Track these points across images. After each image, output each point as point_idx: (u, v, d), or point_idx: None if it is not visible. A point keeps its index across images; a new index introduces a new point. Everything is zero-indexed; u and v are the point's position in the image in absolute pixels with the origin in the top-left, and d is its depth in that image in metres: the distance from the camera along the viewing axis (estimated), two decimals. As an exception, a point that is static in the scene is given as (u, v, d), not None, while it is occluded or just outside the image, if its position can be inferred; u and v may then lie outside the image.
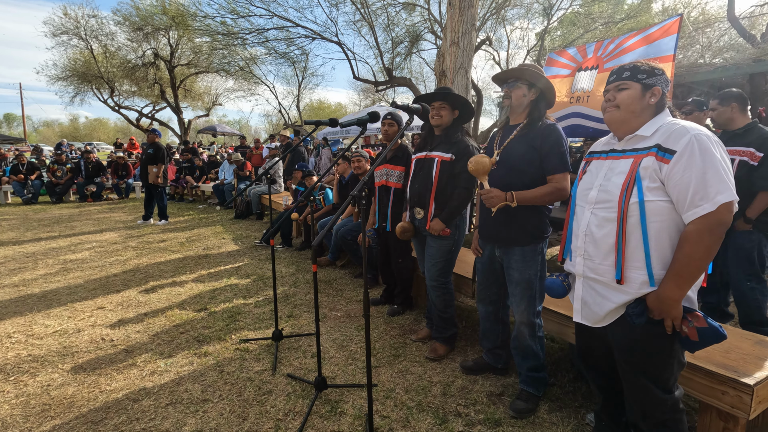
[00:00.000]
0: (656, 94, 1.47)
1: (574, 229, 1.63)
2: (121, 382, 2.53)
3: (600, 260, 1.50)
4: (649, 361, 1.47)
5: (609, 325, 1.53)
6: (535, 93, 2.12)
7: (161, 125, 22.22)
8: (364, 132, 2.36)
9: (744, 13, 10.86)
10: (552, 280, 1.70)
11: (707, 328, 1.34)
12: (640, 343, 1.47)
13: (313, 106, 35.19)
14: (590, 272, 1.54)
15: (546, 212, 2.17)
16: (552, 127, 2.06)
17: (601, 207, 1.50)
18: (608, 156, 1.57)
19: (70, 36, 17.89)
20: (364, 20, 14.15)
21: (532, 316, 2.16)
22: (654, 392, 1.47)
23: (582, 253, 1.56)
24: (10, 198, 10.64)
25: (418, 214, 2.78)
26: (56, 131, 56.20)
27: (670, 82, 1.52)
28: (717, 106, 2.95)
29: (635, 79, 1.48)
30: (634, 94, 1.48)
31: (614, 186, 1.46)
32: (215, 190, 9.43)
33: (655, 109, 1.49)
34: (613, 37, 4.43)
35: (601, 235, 1.49)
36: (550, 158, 2.03)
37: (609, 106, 1.54)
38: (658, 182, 1.38)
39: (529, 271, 2.12)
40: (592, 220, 1.52)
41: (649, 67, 1.49)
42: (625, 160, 1.48)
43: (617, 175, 1.47)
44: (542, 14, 15.55)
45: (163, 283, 4.32)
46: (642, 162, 1.41)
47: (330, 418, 2.17)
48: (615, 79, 1.54)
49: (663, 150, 1.38)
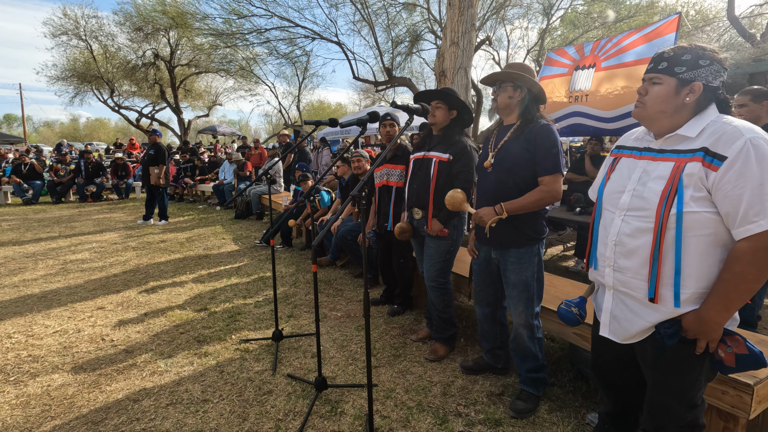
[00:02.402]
0: (695, 91, 1.26)
1: (600, 236, 1.46)
2: (121, 383, 2.53)
3: (632, 274, 1.34)
4: (678, 380, 1.35)
5: (638, 342, 1.40)
6: (521, 93, 2.08)
7: (161, 125, 22.21)
8: (364, 132, 2.36)
9: (744, 13, 10.86)
10: (565, 311, 1.60)
11: (747, 356, 1.21)
12: (670, 363, 1.34)
13: (313, 106, 35.19)
14: (621, 286, 1.38)
15: (542, 213, 2.15)
16: (546, 128, 2.03)
17: (634, 215, 1.32)
18: (643, 155, 1.38)
19: (70, 36, 17.88)
20: (364, 20, 14.15)
21: (530, 318, 2.15)
22: (676, 408, 1.38)
23: (611, 263, 1.40)
24: (10, 198, 10.64)
25: (416, 215, 2.77)
26: (56, 131, 56.23)
27: (723, 71, 1.26)
28: (749, 103, 2.74)
29: (671, 73, 1.28)
30: (665, 92, 1.29)
31: (651, 193, 1.28)
32: (215, 190, 9.43)
33: (696, 106, 1.28)
34: (611, 36, 4.44)
35: (634, 246, 1.32)
36: (541, 159, 2.00)
37: (638, 102, 1.36)
38: (704, 191, 1.20)
39: (525, 273, 2.10)
40: (623, 228, 1.35)
41: (692, 57, 1.25)
42: (665, 163, 1.29)
43: (655, 181, 1.28)
44: (542, 14, 15.55)
45: (163, 284, 4.32)
46: (686, 168, 1.22)
47: (330, 418, 2.17)
48: (652, 68, 1.33)
49: (711, 155, 1.19)
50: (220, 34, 15.19)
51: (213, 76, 21.75)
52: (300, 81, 22.62)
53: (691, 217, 1.21)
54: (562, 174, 2.02)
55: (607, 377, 1.64)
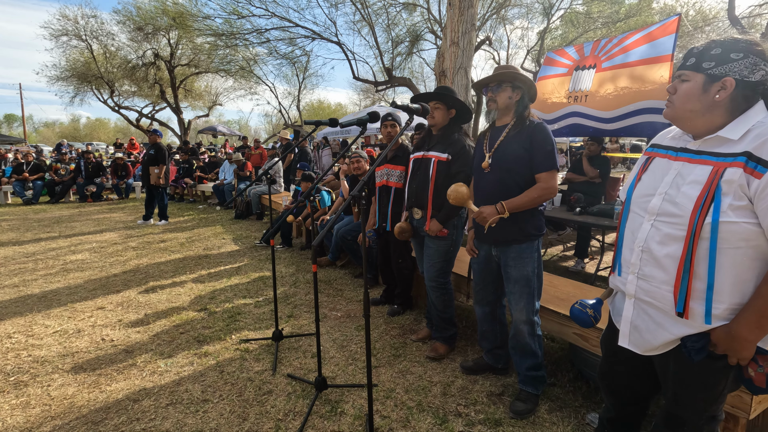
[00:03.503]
0: (727, 87, 1.14)
1: (626, 241, 1.36)
2: (121, 383, 2.53)
3: (658, 283, 1.24)
4: (701, 395, 1.27)
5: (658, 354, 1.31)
6: (519, 93, 2.14)
7: (161, 125, 22.20)
8: (364, 132, 2.36)
9: (744, 13, 10.86)
10: (579, 311, 1.51)
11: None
12: (694, 378, 1.25)
13: (313, 106, 35.20)
14: (644, 295, 1.29)
15: (541, 209, 2.19)
16: (540, 126, 2.08)
17: (665, 221, 1.22)
18: (679, 156, 1.27)
19: (70, 36, 17.88)
20: (364, 20, 14.16)
21: (531, 314, 2.16)
22: (695, 423, 1.31)
23: (636, 271, 1.30)
24: (10, 198, 10.64)
25: (416, 215, 2.78)
26: (56, 131, 56.22)
27: (763, 63, 1.13)
28: None
29: (699, 69, 1.18)
30: (693, 88, 1.19)
31: (685, 198, 1.17)
32: (215, 190, 9.43)
33: (732, 104, 1.16)
34: (611, 36, 4.44)
35: (663, 254, 1.21)
36: (537, 157, 2.05)
37: (667, 101, 1.28)
38: (745, 200, 1.09)
39: (526, 268, 2.13)
40: (652, 234, 1.25)
41: (723, 50, 1.15)
42: (702, 166, 1.18)
43: (690, 185, 1.18)
44: (542, 14, 15.56)
45: (163, 284, 4.32)
46: (725, 173, 1.12)
47: (330, 418, 2.17)
48: (681, 65, 1.24)
49: (755, 160, 1.08)
50: (220, 35, 15.19)
51: (213, 76, 21.75)
52: (300, 81, 22.64)
53: (729, 228, 1.10)
54: (557, 170, 2.08)
55: (616, 386, 1.57)
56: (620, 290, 1.40)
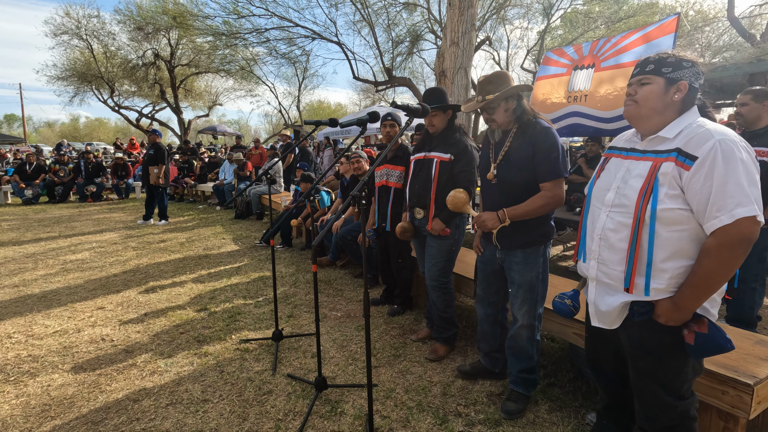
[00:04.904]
0: (682, 90, 1.36)
1: (588, 231, 1.56)
2: (121, 383, 2.53)
3: (614, 265, 1.44)
4: (659, 366, 1.42)
5: (620, 328, 1.49)
6: (513, 101, 2.05)
7: (161, 125, 22.21)
8: (364, 132, 2.36)
9: (744, 13, 10.86)
10: (559, 303, 1.66)
11: (705, 335, 1.29)
12: (650, 349, 1.43)
13: (313, 106, 35.21)
14: (604, 277, 1.48)
15: (549, 215, 2.12)
16: (546, 131, 2.00)
17: (617, 211, 1.42)
18: (628, 155, 1.48)
19: (70, 36, 17.88)
20: (364, 20, 14.16)
21: (532, 319, 2.13)
22: (663, 398, 1.44)
23: (596, 256, 1.50)
24: (10, 198, 10.64)
25: (417, 214, 2.77)
26: (56, 131, 56.21)
27: (701, 74, 1.38)
28: (750, 102, 2.76)
29: (659, 73, 1.37)
30: (655, 89, 1.38)
31: (631, 190, 1.38)
32: (215, 190, 9.43)
33: (681, 106, 1.38)
34: (610, 36, 4.43)
35: (616, 239, 1.42)
36: (541, 165, 1.98)
37: (629, 101, 1.44)
38: (678, 189, 1.29)
39: (531, 274, 2.08)
40: (607, 223, 1.45)
41: (676, 59, 1.36)
42: (644, 162, 1.39)
43: (635, 179, 1.39)
44: (542, 14, 15.56)
45: (163, 284, 4.32)
46: (661, 167, 1.32)
47: (330, 418, 2.17)
48: (638, 72, 1.43)
49: (683, 155, 1.29)
50: (220, 34, 15.18)
51: (213, 76, 21.75)
52: (300, 81, 22.64)
53: (665, 214, 1.30)
54: (564, 177, 1.99)
55: (602, 368, 1.72)
56: (585, 275, 1.60)
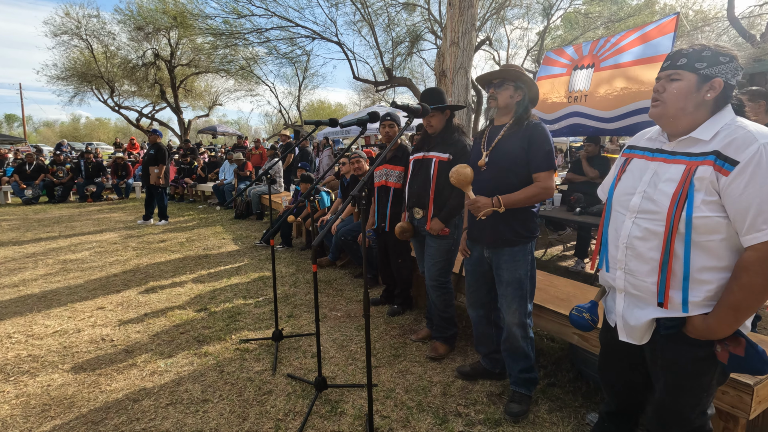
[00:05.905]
0: (716, 88, 1.23)
1: (611, 238, 1.43)
2: (121, 382, 2.53)
3: (643, 276, 1.31)
4: (687, 383, 1.32)
5: (647, 343, 1.38)
6: (520, 94, 2.10)
7: (161, 125, 22.19)
8: (364, 132, 2.36)
9: (744, 13, 10.86)
10: (577, 317, 1.56)
11: (741, 358, 1.19)
12: (679, 365, 1.32)
13: (313, 106, 35.19)
14: (632, 289, 1.36)
15: (534, 212, 2.17)
16: (538, 126, 2.07)
17: (645, 217, 1.30)
18: (654, 156, 1.35)
19: (70, 35, 17.87)
20: (364, 20, 14.16)
21: (523, 316, 2.15)
22: (687, 414, 1.35)
23: (623, 266, 1.37)
24: (10, 198, 10.64)
25: (417, 214, 2.78)
26: (56, 131, 56.19)
27: (740, 70, 1.25)
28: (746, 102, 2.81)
29: (692, 69, 1.24)
30: (685, 87, 1.25)
31: (662, 195, 1.26)
32: (215, 190, 9.43)
33: (714, 105, 1.25)
34: (609, 36, 4.43)
35: (645, 249, 1.30)
36: (535, 157, 2.03)
37: (655, 99, 1.31)
38: (715, 195, 1.18)
39: (519, 271, 2.11)
40: (634, 230, 1.32)
41: (712, 53, 1.22)
42: (676, 165, 1.26)
43: (666, 183, 1.26)
44: (542, 14, 15.56)
45: (163, 284, 4.32)
46: (697, 171, 1.20)
47: (330, 418, 2.17)
48: (669, 65, 1.29)
49: (723, 159, 1.17)
50: (220, 34, 15.18)
51: (213, 76, 21.73)
52: (300, 81, 22.65)
53: (702, 221, 1.18)
54: (555, 170, 2.06)
55: (614, 379, 1.63)
56: (611, 286, 1.47)
